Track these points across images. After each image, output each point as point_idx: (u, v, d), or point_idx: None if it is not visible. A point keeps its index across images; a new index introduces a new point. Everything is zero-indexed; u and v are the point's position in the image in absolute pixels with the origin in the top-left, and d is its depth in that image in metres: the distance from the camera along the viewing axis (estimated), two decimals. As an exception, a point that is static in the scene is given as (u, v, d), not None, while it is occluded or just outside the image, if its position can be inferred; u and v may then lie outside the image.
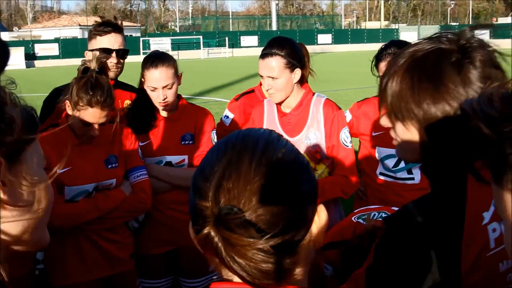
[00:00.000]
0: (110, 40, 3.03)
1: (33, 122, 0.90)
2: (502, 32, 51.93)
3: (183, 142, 2.93)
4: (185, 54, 41.81)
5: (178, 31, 67.36)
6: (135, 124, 2.88)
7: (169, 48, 40.68)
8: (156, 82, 2.79)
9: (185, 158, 2.93)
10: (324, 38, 53.72)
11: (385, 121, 1.24)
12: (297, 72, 2.79)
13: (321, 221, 0.88)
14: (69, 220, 2.50)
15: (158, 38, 47.63)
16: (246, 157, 0.83)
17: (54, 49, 42.08)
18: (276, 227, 0.79)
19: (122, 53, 3.08)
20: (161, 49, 3.20)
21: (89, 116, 2.46)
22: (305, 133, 2.81)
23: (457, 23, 70.42)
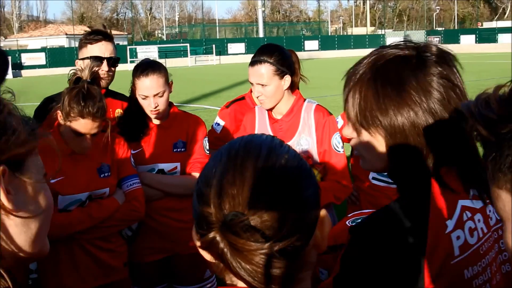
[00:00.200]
0: (101, 48, 3.04)
1: (33, 132, 0.91)
2: (487, 37, 52.45)
3: (175, 150, 2.93)
4: (173, 62, 41.78)
5: (165, 39, 67.23)
6: (127, 132, 2.88)
7: (156, 56, 40.62)
8: (147, 91, 2.79)
9: (177, 166, 2.93)
10: (311, 45, 53.91)
11: (348, 132, 1.25)
12: (287, 79, 2.81)
13: (324, 226, 0.89)
14: (62, 230, 2.49)
15: (145, 46, 47.52)
16: (250, 164, 0.83)
17: (41, 59, 41.83)
18: (281, 232, 0.80)
19: (113, 61, 3.09)
20: (149, 57, 3.20)
21: (81, 127, 2.45)
22: (297, 139, 2.82)
23: (443, 28, 71.05)
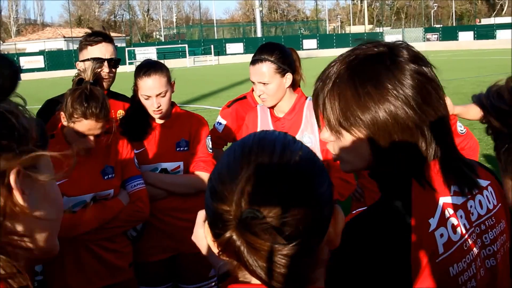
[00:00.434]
0: (101, 50, 3.04)
1: (44, 133, 0.91)
2: (486, 33, 52.45)
3: (178, 149, 2.94)
4: (171, 63, 41.54)
5: (163, 40, 67.24)
6: (130, 132, 2.89)
7: (155, 58, 40.47)
8: (150, 91, 2.80)
9: (180, 165, 2.93)
10: (309, 43, 53.92)
11: (326, 135, 1.24)
12: (288, 77, 2.81)
13: (338, 222, 0.89)
14: (67, 231, 2.49)
15: (144, 48, 47.51)
16: (265, 161, 0.83)
17: (40, 62, 41.85)
18: (297, 230, 0.79)
19: (114, 63, 3.09)
20: (149, 59, 3.21)
21: (84, 128, 2.45)
22: (299, 137, 2.83)
23: (441, 25, 71.07)
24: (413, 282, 1.10)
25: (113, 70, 3.11)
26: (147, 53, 43.75)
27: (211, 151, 3.02)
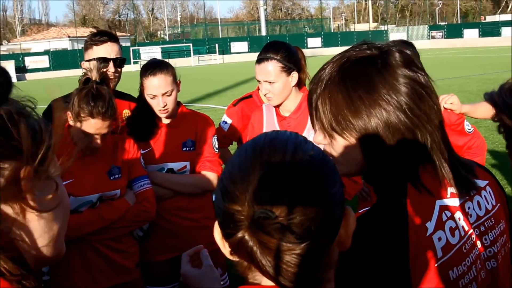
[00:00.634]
0: (107, 50, 3.04)
1: (51, 134, 0.91)
2: (491, 30, 52.23)
3: (184, 149, 2.94)
4: (176, 62, 41.56)
5: (168, 40, 67.32)
6: (136, 132, 2.89)
7: (160, 57, 40.54)
8: (156, 90, 2.80)
9: (187, 165, 2.93)
10: (314, 42, 53.89)
11: (319, 138, 1.21)
12: (294, 75, 2.80)
13: (349, 224, 0.88)
14: (73, 231, 2.49)
15: (148, 47, 47.60)
16: (277, 160, 0.82)
17: (45, 61, 42.01)
18: (309, 230, 0.79)
19: (120, 62, 3.09)
20: (155, 58, 3.21)
21: (91, 127, 2.44)
22: (305, 136, 2.81)
23: (446, 23, 70.83)
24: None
25: (119, 70, 3.11)
26: (152, 52, 43.84)
27: (217, 151, 3.01)
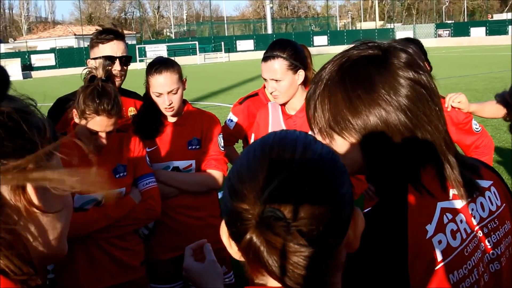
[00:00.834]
0: (113, 48, 3.03)
1: (55, 133, 0.91)
2: (498, 29, 52.00)
3: (190, 147, 2.93)
4: (182, 60, 40.87)
5: (174, 38, 67.37)
6: (142, 130, 2.88)
7: (165, 55, 40.67)
8: (161, 88, 2.79)
9: (193, 163, 2.92)
10: (320, 40, 53.83)
11: (319, 139, 1.20)
12: (301, 74, 2.79)
13: (357, 225, 0.87)
14: (79, 229, 2.49)
15: (154, 45, 47.66)
16: (286, 160, 0.81)
17: (51, 59, 42.13)
18: (317, 230, 0.78)
19: (125, 60, 3.08)
20: (161, 56, 3.20)
21: (96, 125, 2.44)
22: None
23: (452, 21, 70.58)
24: None
25: (125, 68, 3.11)
26: (158, 50, 43.89)
27: (223, 150, 3.00)
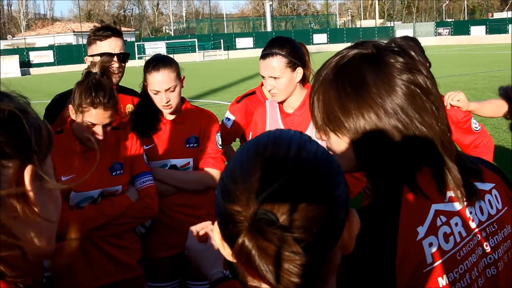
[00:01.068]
0: (111, 45, 3.02)
1: (49, 132, 0.90)
2: (498, 27, 51.99)
3: (188, 145, 2.92)
4: (181, 58, 41.79)
5: (173, 35, 67.33)
6: (139, 128, 2.88)
7: (164, 52, 40.64)
8: (159, 85, 2.78)
9: (190, 161, 2.91)
10: (320, 38, 53.79)
11: (318, 136, 1.21)
12: (299, 71, 2.77)
13: (353, 227, 0.85)
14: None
15: (153, 43, 47.63)
16: (280, 160, 0.79)
17: (49, 56, 42.06)
18: (311, 233, 0.76)
19: (123, 57, 3.07)
20: (159, 53, 3.19)
21: (93, 117, 2.44)
22: (309, 134, 2.77)
23: (453, 20, 70.57)
24: None
25: (123, 65, 3.10)
26: (157, 48, 43.86)
27: (221, 148, 3.00)
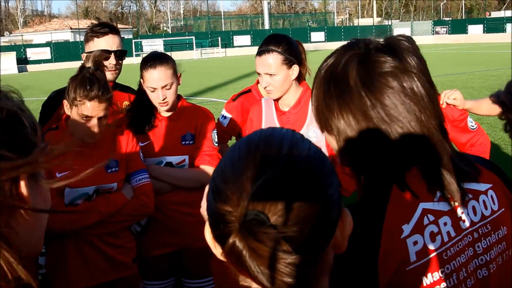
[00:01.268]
0: (108, 42, 3.01)
1: (42, 130, 0.89)
2: (496, 26, 52.03)
3: (184, 142, 2.91)
4: (178, 55, 41.71)
5: (170, 32, 67.23)
6: (135, 125, 2.87)
7: (162, 49, 40.54)
8: (155, 83, 2.78)
9: (186, 159, 2.91)
10: (317, 36, 53.78)
11: (318, 131, 1.24)
12: (295, 69, 2.77)
13: (345, 226, 0.85)
14: (70, 224, 2.48)
15: (151, 40, 47.56)
16: (271, 159, 0.78)
17: (46, 53, 41.94)
18: (303, 233, 0.75)
19: (120, 54, 3.06)
20: (156, 50, 3.19)
21: (87, 110, 2.43)
22: (305, 131, 2.78)
23: (450, 18, 70.59)
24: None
25: (120, 62, 3.09)
26: (154, 45, 43.79)
27: (217, 145, 2.99)
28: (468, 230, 1.16)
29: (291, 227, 0.74)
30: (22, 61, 39.51)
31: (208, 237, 0.84)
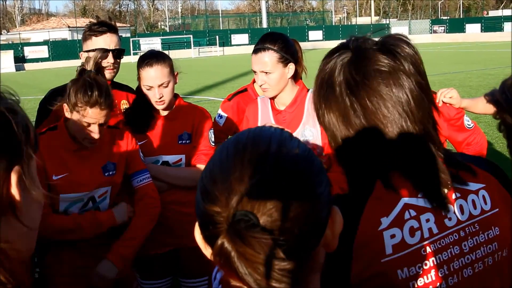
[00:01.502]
0: (106, 40, 3.01)
1: (36, 132, 0.88)
2: (493, 25, 52.02)
3: (180, 142, 2.91)
4: (176, 54, 41.46)
5: (168, 31, 67.08)
6: (133, 123, 2.87)
7: (160, 48, 40.43)
8: (152, 81, 2.78)
9: (182, 158, 2.91)
10: (315, 35, 53.73)
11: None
12: (291, 67, 2.76)
13: (336, 224, 0.84)
14: (52, 234, 2.46)
15: (148, 38, 47.44)
16: (260, 159, 0.77)
17: (44, 52, 41.83)
18: (292, 233, 0.74)
19: (118, 53, 3.06)
20: (153, 49, 3.19)
21: (89, 117, 2.41)
22: (301, 130, 2.78)
23: (448, 17, 70.59)
24: (354, 277, 1.06)
25: (118, 61, 3.09)
26: (152, 44, 43.69)
27: (214, 145, 2.99)
28: (454, 229, 1.15)
29: (280, 227, 0.73)
30: (20, 60, 39.40)
31: (198, 238, 0.83)
